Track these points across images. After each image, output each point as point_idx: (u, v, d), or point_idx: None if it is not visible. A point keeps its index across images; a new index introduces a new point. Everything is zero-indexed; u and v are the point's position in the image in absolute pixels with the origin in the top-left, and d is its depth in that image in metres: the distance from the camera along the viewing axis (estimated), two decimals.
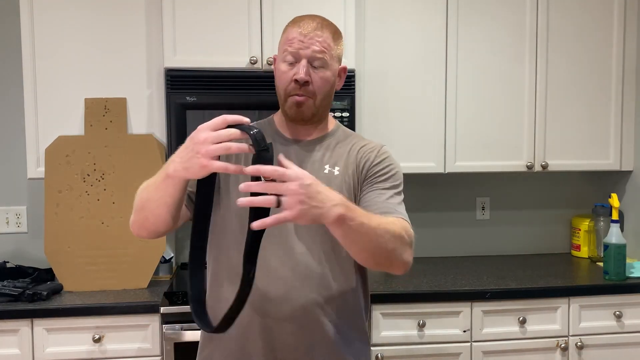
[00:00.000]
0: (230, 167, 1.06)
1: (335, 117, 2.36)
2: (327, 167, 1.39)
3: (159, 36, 2.37)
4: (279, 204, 1.00)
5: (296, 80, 1.33)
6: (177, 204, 1.22)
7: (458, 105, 2.58)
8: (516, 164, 2.64)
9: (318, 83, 1.35)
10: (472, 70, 2.59)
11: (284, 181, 1.02)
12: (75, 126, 2.37)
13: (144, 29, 2.39)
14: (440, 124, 2.57)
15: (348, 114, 2.37)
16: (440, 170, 2.59)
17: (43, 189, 2.38)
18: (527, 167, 2.63)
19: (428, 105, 2.57)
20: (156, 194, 1.21)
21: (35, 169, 2.35)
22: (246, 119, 1.09)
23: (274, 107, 1.47)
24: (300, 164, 1.31)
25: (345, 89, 2.37)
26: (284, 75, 1.35)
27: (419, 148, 2.57)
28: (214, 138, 1.05)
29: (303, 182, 1.02)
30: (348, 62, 2.36)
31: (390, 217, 1.25)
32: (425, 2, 2.55)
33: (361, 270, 1.42)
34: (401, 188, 1.39)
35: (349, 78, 2.37)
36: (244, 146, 1.07)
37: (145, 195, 1.25)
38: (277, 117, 1.46)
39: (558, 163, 2.66)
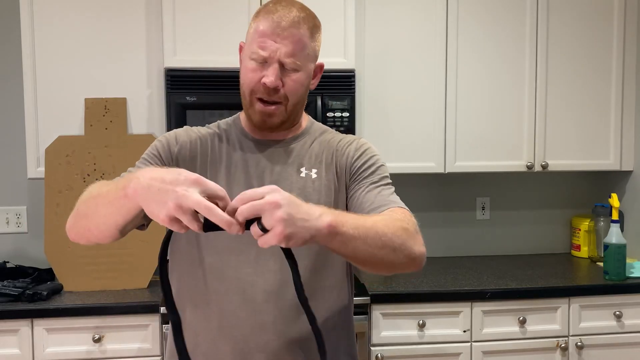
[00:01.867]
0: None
1: (335, 117, 2.36)
2: (303, 170, 1.24)
3: (159, 36, 2.37)
4: (264, 230, 0.85)
5: (265, 84, 1.17)
6: (130, 223, 1.05)
7: (458, 105, 2.58)
8: (516, 164, 2.64)
9: (290, 87, 1.19)
10: (473, 70, 2.59)
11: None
12: (75, 126, 2.37)
13: (144, 29, 2.39)
14: (440, 124, 2.57)
15: (348, 114, 2.37)
16: (440, 170, 2.59)
17: (43, 189, 2.38)
18: (527, 167, 2.63)
19: (428, 105, 2.56)
20: (106, 210, 1.03)
21: (35, 169, 2.35)
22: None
23: None
24: (273, 169, 1.23)
25: (345, 89, 2.37)
26: (252, 75, 1.19)
27: (419, 148, 2.56)
28: (199, 205, 0.84)
29: (275, 200, 0.86)
30: (348, 62, 2.38)
31: (384, 210, 1.13)
32: (425, 2, 2.55)
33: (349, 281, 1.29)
34: (389, 179, 1.26)
35: (349, 78, 2.37)
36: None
37: (93, 207, 1.06)
38: (244, 116, 1.29)
39: (558, 163, 2.66)
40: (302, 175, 1.24)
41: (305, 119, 1.33)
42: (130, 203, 0.94)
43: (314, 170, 1.24)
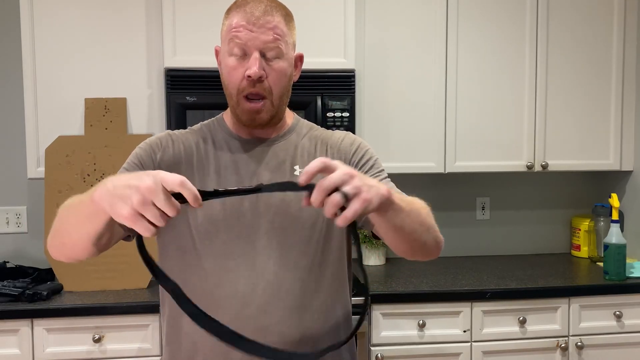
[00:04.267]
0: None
1: (335, 117, 2.36)
2: (297, 168, 1.22)
3: (159, 36, 2.37)
4: (346, 198, 0.87)
5: (249, 77, 1.13)
6: (102, 234, 1.04)
7: (458, 105, 2.58)
8: (516, 164, 2.64)
9: (274, 77, 1.16)
10: (472, 70, 2.59)
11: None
12: (75, 126, 2.37)
13: (144, 29, 2.39)
14: (440, 124, 2.57)
15: (348, 114, 2.37)
16: (440, 170, 2.59)
17: (43, 189, 2.38)
18: (527, 167, 2.63)
19: (428, 105, 2.56)
20: (76, 219, 1.02)
21: (35, 169, 2.35)
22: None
23: None
24: (267, 166, 1.21)
25: (345, 89, 2.37)
26: (234, 72, 1.16)
27: (419, 148, 2.56)
28: (159, 199, 0.83)
29: (346, 169, 0.89)
30: (348, 63, 2.38)
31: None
32: (425, 2, 2.55)
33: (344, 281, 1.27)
34: (385, 172, 1.27)
35: (349, 78, 2.37)
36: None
37: (65, 219, 1.05)
38: (228, 116, 1.27)
39: (558, 163, 2.66)
40: (297, 173, 1.21)
41: (290, 116, 1.30)
42: (97, 207, 0.91)
43: None
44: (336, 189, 0.86)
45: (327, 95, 2.36)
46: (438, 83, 2.57)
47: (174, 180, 0.84)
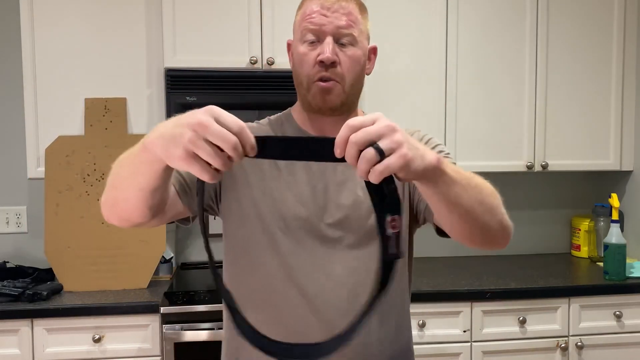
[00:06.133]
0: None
1: None
2: None
3: (159, 36, 2.37)
4: (381, 155, 0.74)
5: (321, 62, 1.10)
6: (156, 190, 0.95)
7: (458, 105, 2.58)
8: (516, 164, 2.64)
9: (347, 64, 1.12)
10: (472, 70, 2.59)
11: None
12: (75, 126, 2.37)
13: (144, 29, 2.39)
14: (440, 124, 2.57)
15: None
16: None
17: (43, 189, 2.38)
18: (527, 167, 2.63)
19: (428, 105, 2.56)
20: (127, 172, 0.94)
21: (35, 169, 2.35)
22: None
23: (274, 107, 1.44)
24: (336, 167, 1.16)
25: None
26: (306, 58, 1.12)
27: None
28: (211, 132, 0.76)
29: (391, 124, 0.77)
30: None
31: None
32: (426, 2, 2.55)
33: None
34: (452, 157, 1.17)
35: None
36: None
37: (117, 171, 0.97)
38: (296, 113, 1.23)
39: (558, 163, 2.66)
40: None
41: (361, 114, 1.26)
42: (149, 155, 0.84)
43: None
44: (373, 144, 0.74)
45: None
46: (438, 83, 2.56)
47: (233, 120, 0.77)
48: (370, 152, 0.73)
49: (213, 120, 0.76)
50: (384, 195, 0.77)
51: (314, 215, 1.14)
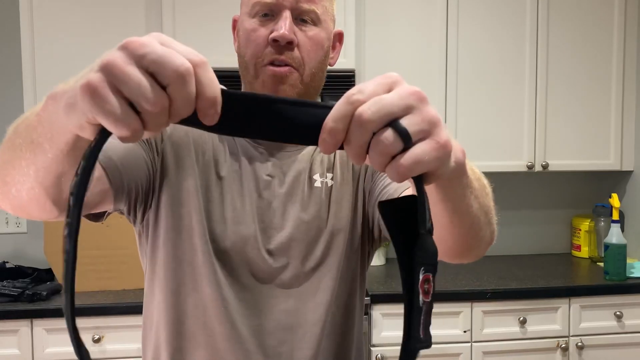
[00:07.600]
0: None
1: None
2: (317, 177, 0.96)
3: None
4: (406, 142, 0.46)
5: (274, 41, 0.86)
6: (58, 163, 0.58)
7: (458, 105, 2.58)
8: (516, 164, 2.64)
9: (307, 46, 0.88)
10: (472, 69, 2.59)
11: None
12: None
13: (144, 29, 2.39)
14: None
15: None
16: None
17: None
18: (528, 167, 2.63)
19: None
20: (24, 138, 0.59)
21: None
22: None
23: None
24: (284, 179, 0.95)
25: (345, 89, 2.35)
26: (254, 35, 0.88)
27: None
28: (156, 56, 0.45)
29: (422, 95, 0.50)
30: (348, 62, 2.38)
31: None
32: (426, 2, 2.55)
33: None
34: None
35: (349, 78, 2.37)
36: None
37: (12, 136, 0.63)
38: None
39: (558, 163, 2.66)
40: (317, 184, 0.95)
41: None
42: (52, 108, 0.54)
43: (329, 175, 0.96)
44: (391, 124, 0.46)
45: (327, 95, 2.35)
46: (438, 83, 2.56)
47: (191, 50, 0.46)
48: (389, 135, 0.45)
49: (156, 43, 0.46)
50: (412, 223, 0.47)
51: (253, 239, 0.93)
